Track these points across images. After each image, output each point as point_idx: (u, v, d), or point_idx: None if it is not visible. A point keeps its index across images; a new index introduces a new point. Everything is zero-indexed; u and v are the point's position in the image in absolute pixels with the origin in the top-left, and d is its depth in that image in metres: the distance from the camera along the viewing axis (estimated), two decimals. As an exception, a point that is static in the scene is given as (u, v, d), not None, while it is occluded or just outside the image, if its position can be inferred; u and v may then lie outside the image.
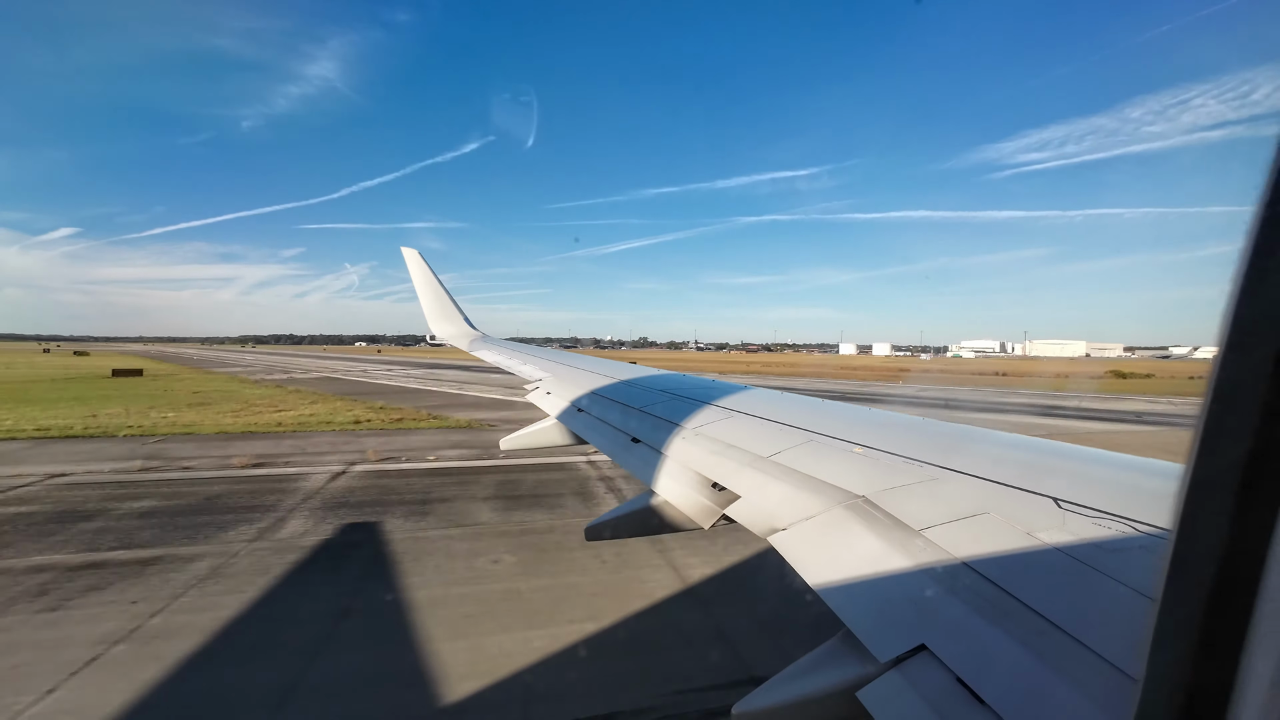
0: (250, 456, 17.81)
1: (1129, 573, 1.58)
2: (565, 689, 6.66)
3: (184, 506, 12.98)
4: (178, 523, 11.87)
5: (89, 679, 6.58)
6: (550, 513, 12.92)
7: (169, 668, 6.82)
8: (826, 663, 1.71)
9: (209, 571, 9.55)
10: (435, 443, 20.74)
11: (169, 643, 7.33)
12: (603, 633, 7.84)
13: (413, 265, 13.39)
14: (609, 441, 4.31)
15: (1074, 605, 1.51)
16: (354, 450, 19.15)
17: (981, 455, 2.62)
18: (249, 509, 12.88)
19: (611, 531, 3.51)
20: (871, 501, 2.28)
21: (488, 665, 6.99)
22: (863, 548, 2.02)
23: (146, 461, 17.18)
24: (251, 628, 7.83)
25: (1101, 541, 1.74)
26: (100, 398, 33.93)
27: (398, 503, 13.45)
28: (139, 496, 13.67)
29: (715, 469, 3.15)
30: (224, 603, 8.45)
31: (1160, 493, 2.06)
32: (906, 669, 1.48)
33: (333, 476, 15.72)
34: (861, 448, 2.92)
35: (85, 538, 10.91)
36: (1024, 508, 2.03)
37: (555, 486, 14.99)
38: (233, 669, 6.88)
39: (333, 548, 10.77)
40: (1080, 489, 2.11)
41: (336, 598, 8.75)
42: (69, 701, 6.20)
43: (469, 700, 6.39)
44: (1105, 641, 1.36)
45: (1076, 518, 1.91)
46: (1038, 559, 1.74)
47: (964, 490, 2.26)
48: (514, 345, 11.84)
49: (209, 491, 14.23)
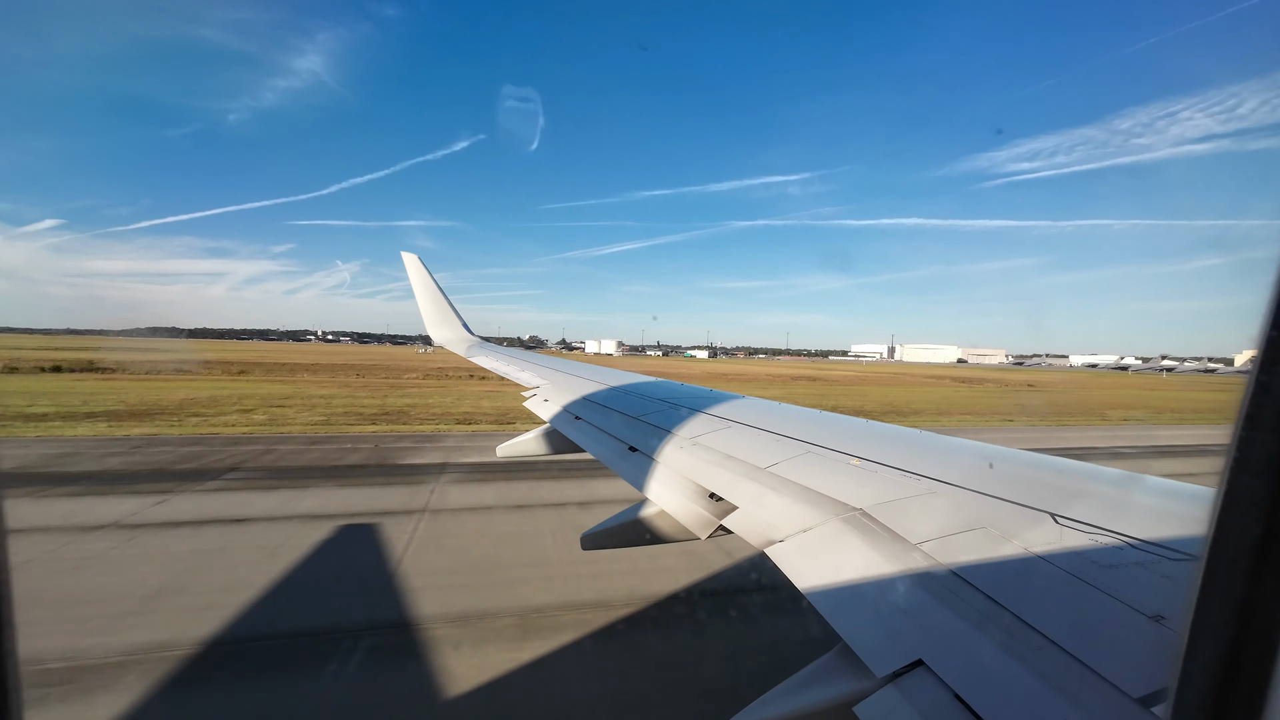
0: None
1: (1125, 589, 1.58)
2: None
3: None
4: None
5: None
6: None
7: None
8: (824, 677, 1.70)
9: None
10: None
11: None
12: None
13: (412, 270, 13.39)
14: (606, 450, 4.30)
15: (1070, 621, 1.52)
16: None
17: (978, 469, 2.63)
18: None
19: (607, 541, 3.50)
20: (869, 514, 2.29)
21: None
22: (860, 561, 2.02)
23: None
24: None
25: (1098, 557, 1.75)
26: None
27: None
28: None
29: (713, 479, 3.15)
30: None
31: (1155, 509, 2.07)
32: (903, 684, 1.48)
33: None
34: (859, 460, 2.93)
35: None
36: (1021, 522, 2.04)
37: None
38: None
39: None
40: (1076, 504, 2.12)
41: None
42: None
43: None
44: (1102, 658, 1.36)
45: (1073, 533, 1.91)
46: (1035, 574, 1.74)
47: (961, 504, 2.26)
48: (511, 351, 11.83)
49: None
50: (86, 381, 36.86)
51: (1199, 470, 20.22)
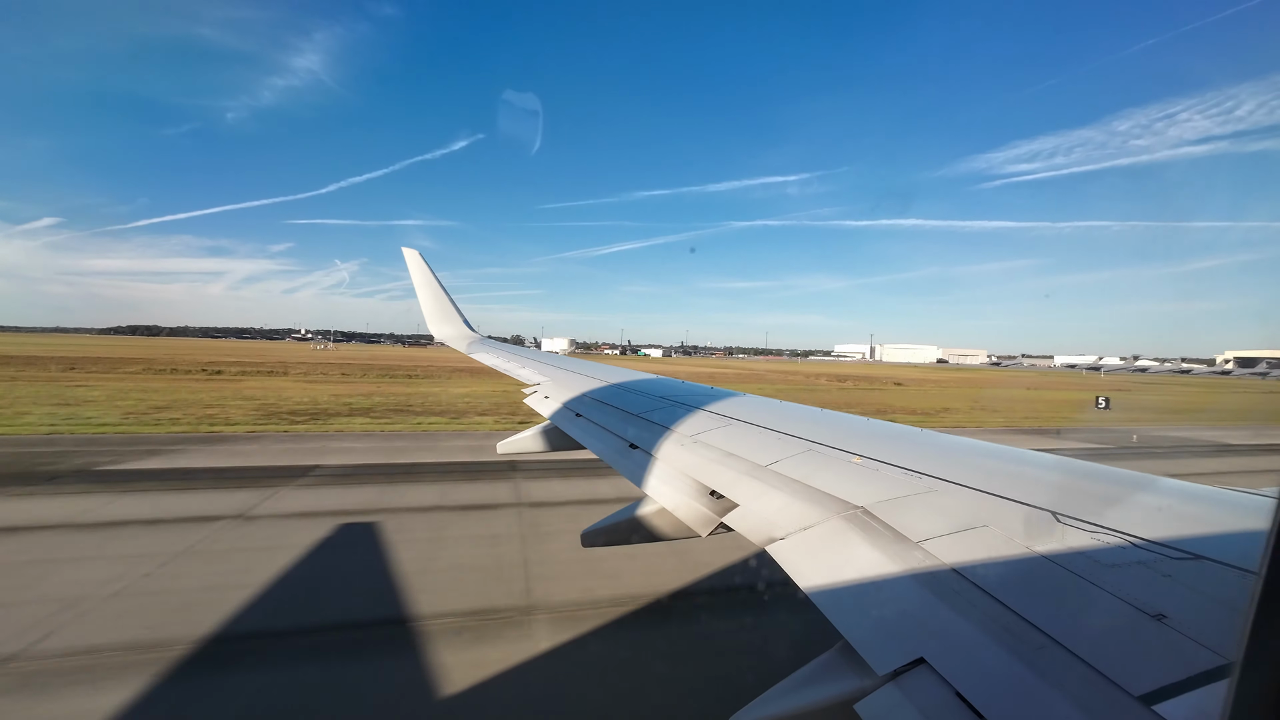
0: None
1: (1128, 588, 1.58)
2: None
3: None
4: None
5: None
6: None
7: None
8: (825, 675, 1.70)
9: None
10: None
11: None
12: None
13: (413, 266, 13.37)
14: (606, 447, 4.30)
15: (1073, 620, 1.51)
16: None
17: (980, 467, 2.62)
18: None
19: (607, 538, 3.49)
20: (870, 512, 2.28)
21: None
22: (861, 559, 2.01)
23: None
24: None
25: (1100, 556, 1.74)
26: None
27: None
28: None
29: (714, 477, 3.14)
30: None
31: (1159, 508, 2.07)
32: (904, 682, 1.48)
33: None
34: (860, 458, 2.92)
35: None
36: (1023, 520, 2.04)
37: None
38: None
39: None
40: (1078, 503, 2.12)
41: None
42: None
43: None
44: (1104, 657, 1.36)
45: (1075, 531, 1.91)
46: (1037, 573, 1.74)
47: (963, 502, 2.26)
48: (511, 348, 11.83)
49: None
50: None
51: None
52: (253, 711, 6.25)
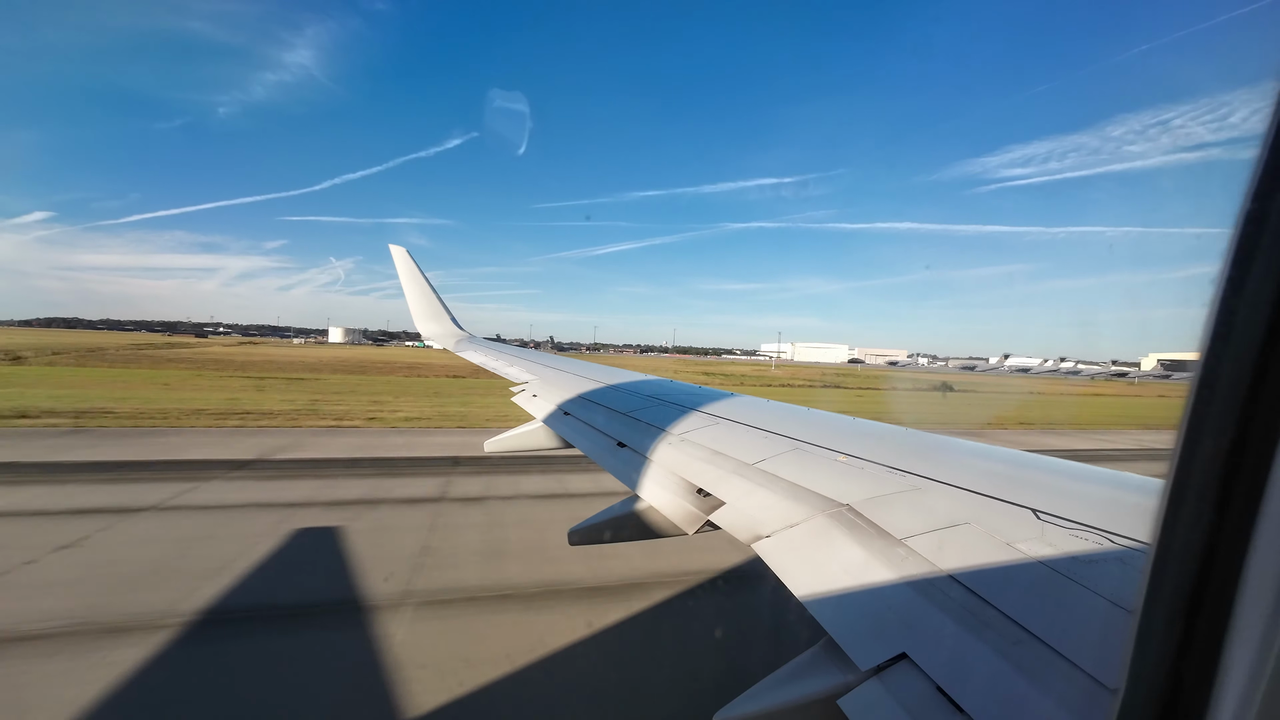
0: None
1: (1105, 584, 1.61)
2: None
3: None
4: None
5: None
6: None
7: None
8: (808, 670, 1.71)
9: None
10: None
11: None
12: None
13: (400, 263, 13.25)
14: (595, 446, 4.29)
15: (1052, 615, 1.54)
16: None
17: (963, 466, 2.65)
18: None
19: (595, 536, 3.49)
20: (855, 510, 2.30)
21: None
22: (846, 556, 2.03)
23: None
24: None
25: (1078, 553, 1.77)
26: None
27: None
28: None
29: (701, 475, 3.15)
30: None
31: (1135, 505, 2.11)
32: (887, 677, 1.49)
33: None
34: (846, 457, 2.95)
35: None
36: (1004, 518, 2.06)
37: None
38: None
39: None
40: (1058, 501, 2.15)
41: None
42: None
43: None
44: (1081, 651, 1.38)
45: (1055, 529, 1.94)
46: (1017, 569, 1.76)
47: (946, 500, 2.28)
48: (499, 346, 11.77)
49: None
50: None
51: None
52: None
